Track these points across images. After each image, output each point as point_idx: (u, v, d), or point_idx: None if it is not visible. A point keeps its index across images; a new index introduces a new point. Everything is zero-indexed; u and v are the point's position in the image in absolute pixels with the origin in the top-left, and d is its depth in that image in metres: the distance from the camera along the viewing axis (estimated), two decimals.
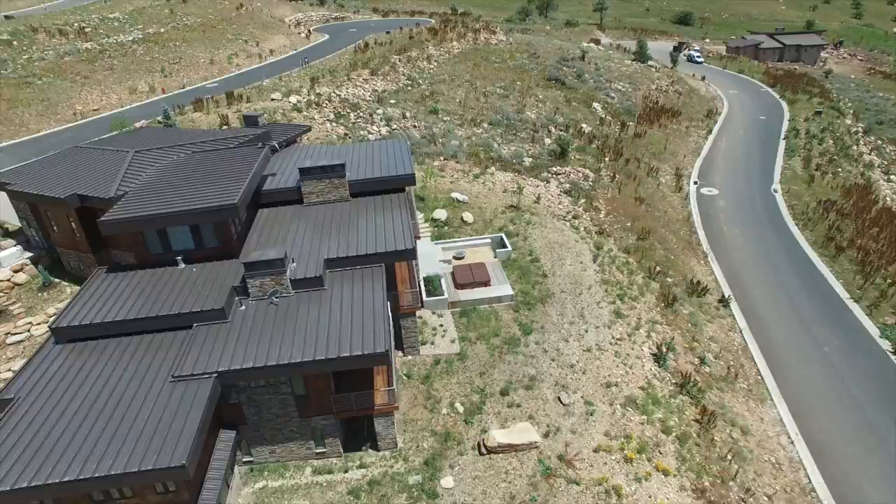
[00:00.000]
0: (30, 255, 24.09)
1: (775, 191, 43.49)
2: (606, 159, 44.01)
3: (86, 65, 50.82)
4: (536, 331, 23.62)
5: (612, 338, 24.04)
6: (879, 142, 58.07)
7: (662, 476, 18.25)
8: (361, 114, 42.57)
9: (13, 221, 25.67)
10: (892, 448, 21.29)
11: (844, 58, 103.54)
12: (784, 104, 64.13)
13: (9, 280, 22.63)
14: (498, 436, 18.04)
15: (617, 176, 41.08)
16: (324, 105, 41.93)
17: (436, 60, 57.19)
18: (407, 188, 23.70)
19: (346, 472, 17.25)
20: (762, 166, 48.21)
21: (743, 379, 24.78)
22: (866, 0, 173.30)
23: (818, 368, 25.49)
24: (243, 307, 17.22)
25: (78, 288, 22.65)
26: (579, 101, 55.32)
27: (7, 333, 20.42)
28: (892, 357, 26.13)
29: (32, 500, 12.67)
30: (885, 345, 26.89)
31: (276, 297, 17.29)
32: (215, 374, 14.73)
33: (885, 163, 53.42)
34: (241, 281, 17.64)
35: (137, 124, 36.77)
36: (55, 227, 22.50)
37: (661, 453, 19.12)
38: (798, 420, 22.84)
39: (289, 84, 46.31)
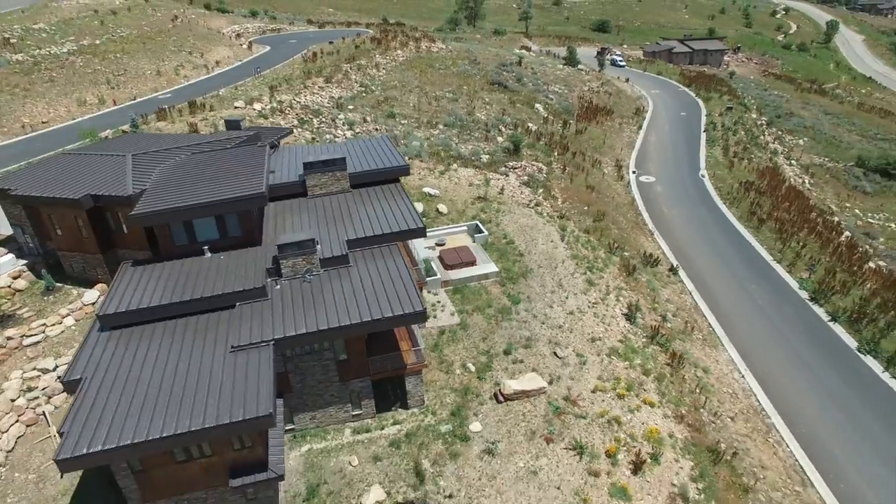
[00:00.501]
0: (24, 262, 24.20)
1: (702, 176, 48.88)
2: (555, 154, 47.86)
3: (21, 77, 49.08)
4: (524, 300, 26.36)
5: (589, 302, 27.19)
6: (780, 132, 65.89)
7: (649, 407, 21.38)
8: (324, 119, 44.08)
9: (1, 231, 25.57)
10: (815, 369, 25.77)
11: (743, 61, 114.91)
12: (700, 102, 71.18)
13: (9, 287, 22.75)
14: (512, 384, 20.54)
15: (567, 168, 44.92)
16: (286, 112, 43.13)
17: (384, 68, 59.37)
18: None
19: (382, 429, 19.16)
20: (689, 156, 53.80)
21: (698, 331, 28.63)
22: (753, 11, 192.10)
23: (755, 317, 29.86)
24: (278, 286, 18.78)
25: (83, 290, 23.16)
26: (522, 102, 59.25)
27: (23, 336, 20.72)
28: (809, 303, 31.02)
29: (127, 457, 13.79)
30: (804, 294, 31.81)
31: (309, 276, 19.00)
32: (272, 342, 16.31)
33: (786, 150, 60.85)
34: (273, 263, 19.18)
35: (103, 134, 36.55)
36: (58, 231, 22.85)
37: (644, 390, 22.29)
38: (745, 359, 26.89)
39: (247, 93, 47.02)
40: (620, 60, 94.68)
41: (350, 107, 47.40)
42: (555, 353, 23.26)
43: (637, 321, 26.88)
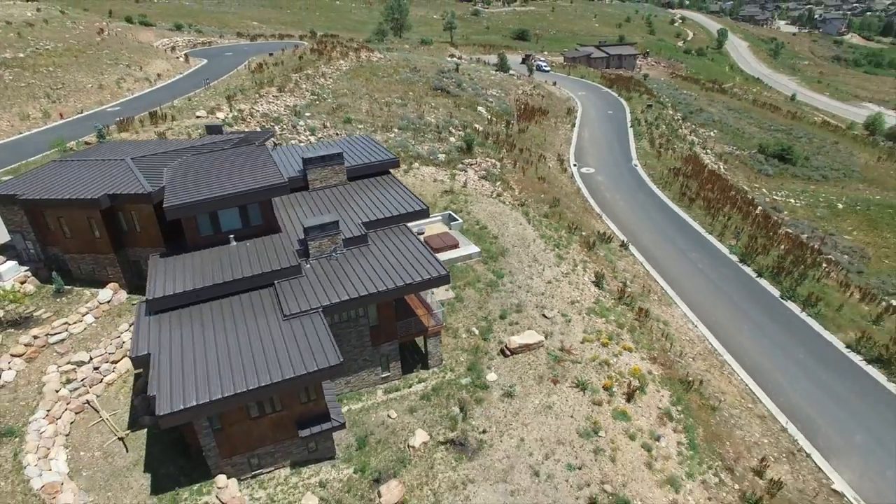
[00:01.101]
0: (26, 268, 24.44)
1: (635, 165, 54.31)
2: (504, 151, 51.64)
3: None
4: (507, 274, 29.41)
5: (562, 273, 30.65)
6: (694, 126, 73.51)
7: (628, 352, 24.95)
8: (285, 126, 45.44)
9: None
10: (751, 315, 30.61)
11: (652, 65, 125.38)
12: (623, 101, 77.89)
13: (20, 291, 23.05)
14: (515, 340, 23.46)
15: (517, 163, 48.76)
16: (248, 120, 44.17)
17: (330, 77, 61.13)
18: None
19: (410, 387, 21.46)
20: (620, 148, 59.35)
21: (653, 293, 32.81)
22: (655, 20, 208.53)
23: (698, 279, 34.55)
24: (308, 265, 20.70)
25: (95, 290, 23.78)
26: (465, 106, 62.87)
27: (47, 335, 21.26)
28: (739, 264, 36.19)
29: (214, 411, 15.35)
30: (734, 257, 36.99)
31: (335, 254, 21.05)
32: (320, 308, 18.29)
33: (701, 140, 68.16)
34: (300, 245, 21.07)
35: (69, 144, 36.31)
36: (67, 234, 23.42)
37: (622, 339, 25.88)
38: (695, 312, 31.25)
39: (203, 103, 47.43)
40: (545, 66, 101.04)
41: (307, 114, 48.96)
42: (543, 315, 26.41)
43: (604, 287, 30.63)
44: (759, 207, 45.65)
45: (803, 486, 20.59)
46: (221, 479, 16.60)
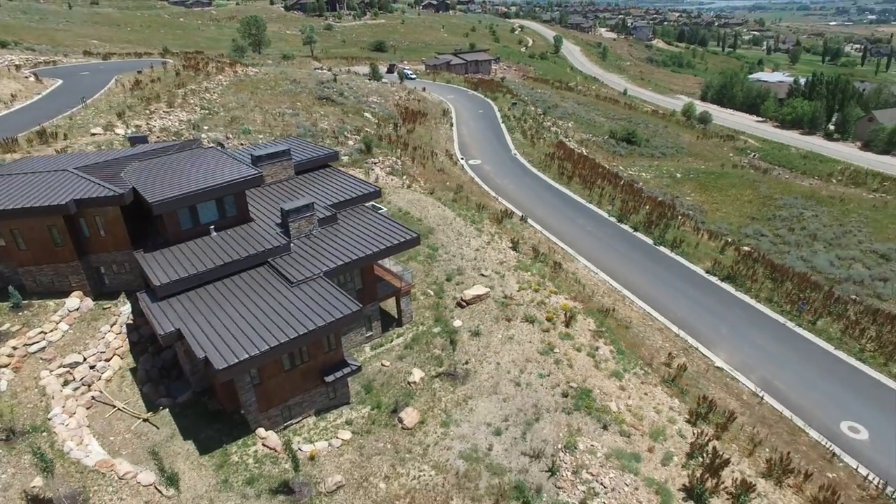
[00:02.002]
0: None
1: (515, 155, 61.30)
2: (399, 150, 55.69)
3: None
4: (440, 247, 33.46)
5: (484, 242, 35.39)
6: (554, 119, 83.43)
7: (555, 295, 30.25)
8: (188, 139, 45.21)
9: None
10: (635, 259, 37.83)
11: (505, 69, 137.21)
12: (490, 101, 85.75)
13: None
14: (468, 293, 27.59)
15: (415, 159, 53.10)
16: (148, 134, 43.35)
17: (214, 92, 60.67)
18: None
19: (391, 342, 24.60)
20: (498, 141, 66.24)
21: (557, 253, 38.88)
22: (497, 29, 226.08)
23: (589, 238, 41.36)
24: (292, 244, 23.01)
25: (58, 300, 23.70)
26: (352, 112, 65.85)
27: (25, 345, 21.18)
28: (618, 223, 43.80)
29: (260, 363, 17.41)
30: (613, 219, 44.62)
31: (313, 232, 23.58)
32: (320, 273, 20.88)
33: (562, 131, 77.85)
34: (281, 227, 23.29)
35: None
36: (23, 245, 23.12)
37: (547, 286, 31.16)
38: (593, 263, 37.70)
39: (90, 120, 45.36)
40: (412, 74, 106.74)
41: (206, 127, 48.86)
42: (481, 274, 30.84)
43: (520, 250, 35.94)
44: (623, 180, 54.58)
45: (697, 367, 27.16)
46: (261, 431, 18.62)
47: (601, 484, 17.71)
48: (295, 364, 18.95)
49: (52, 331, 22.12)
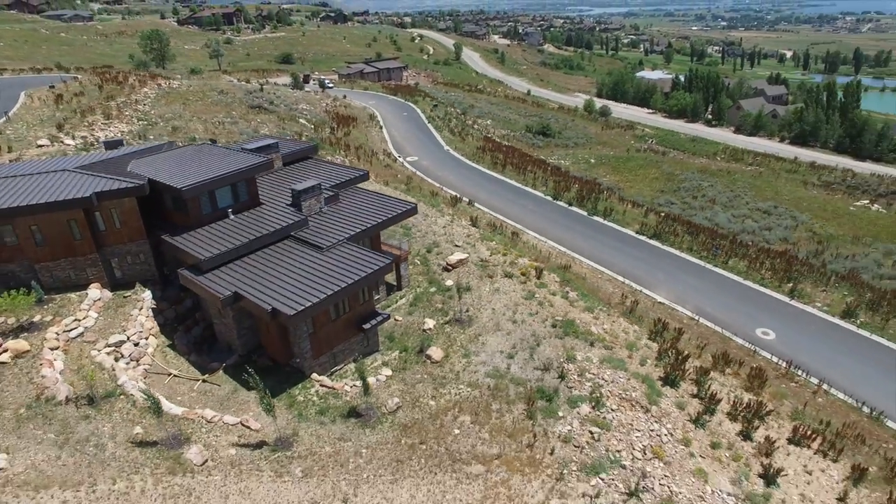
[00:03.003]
0: None
1: (448, 150, 65.89)
2: (342, 151, 58.44)
3: None
4: (412, 227, 37.01)
5: (448, 221, 39.35)
6: (473, 118, 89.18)
7: (521, 258, 34.77)
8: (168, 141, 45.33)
9: None
10: (576, 229, 43.55)
11: (414, 75, 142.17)
12: (411, 105, 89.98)
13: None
14: (451, 258, 31.47)
15: (360, 158, 56.12)
16: (98, 145, 43.15)
17: (145, 104, 60.00)
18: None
19: (397, 302, 27.91)
20: (429, 139, 70.58)
21: (509, 229, 43.71)
22: (398, 39, 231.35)
23: (532, 215, 46.50)
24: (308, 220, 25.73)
25: (79, 292, 24.77)
26: (287, 119, 67.48)
27: (64, 331, 22.34)
28: (554, 201, 49.54)
29: (319, 309, 20.16)
30: (548, 198, 50.31)
31: (322, 210, 26.41)
32: (345, 238, 23.87)
33: (483, 128, 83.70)
34: (292, 206, 25.91)
35: None
36: (40, 241, 24.01)
37: (512, 251, 35.69)
38: (541, 234, 42.69)
39: (25, 134, 44.16)
40: (329, 83, 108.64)
41: (151, 136, 48.88)
42: (455, 245, 34.82)
43: (479, 226, 40.36)
44: (550, 165, 60.79)
45: (645, 304, 32.75)
46: (315, 375, 21.36)
47: (602, 379, 22.28)
48: (339, 314, 21.87)
49: (84, 318, 23.31)
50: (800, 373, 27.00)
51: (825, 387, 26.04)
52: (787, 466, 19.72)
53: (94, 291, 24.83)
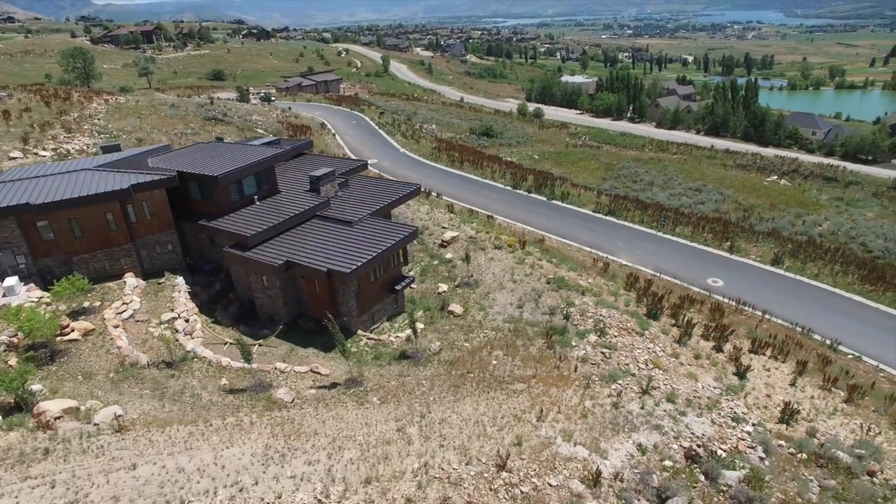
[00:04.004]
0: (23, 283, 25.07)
1: (405, 152, 69.34)
2: None
3: None
4: (398, 215, 40.11)
5: (428, 209, 42.80)
6: (419, 123, 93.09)
7: (503, 235, 38.84)
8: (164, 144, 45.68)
9: None
10: (539, 211, 48.26)
11: (351, 87, 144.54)
12: (358, 113, 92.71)
13: (40, 299, 24.35)
14: (445, 236, 35.03)
15: None
16: (71, 156, 43.32)
17: (99, 118, 59.47)
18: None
19: (408, 273, 31.06)
20: (384, 144, 73.71)
21: (483, 215, 47.73)
22: (324, 53, 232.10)
23: (498, 203, 50.77)
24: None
25: (117, 281, 26.29)
26: (245, 129, 68.54)
27: (116, 314, 23.96)
28: (514, 190, 54.17)
29: (367, 270, 23.02)
30: (509, 188, 54.82)
31: (338, 193, 29.23)
32: (369, 214, 26.84)
33: (430, 133, 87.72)
34: (310, 191, 28.56)
35: None
36: (78, 234, 25.38)
37: (492, 232, 39.65)
38: (510, 217, 47.12)
39: None
40: (272, 97, 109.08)
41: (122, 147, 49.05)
42: (442, 227, 38.37)
43: (455, 212, 44.13)
44: (504, 160, 65.63)
45: (613, 266, 37.62)
46: (360, 332, 24.19)
47: (600, 316, 26.53)
48: (376, 277, 24.86)
49: (130, 302, 24.97)
50: (747, 308, 32.54)
51: (767, 316, 31.67)
52: (751, 366, 24.67)
53: (131, 280, 26.42)
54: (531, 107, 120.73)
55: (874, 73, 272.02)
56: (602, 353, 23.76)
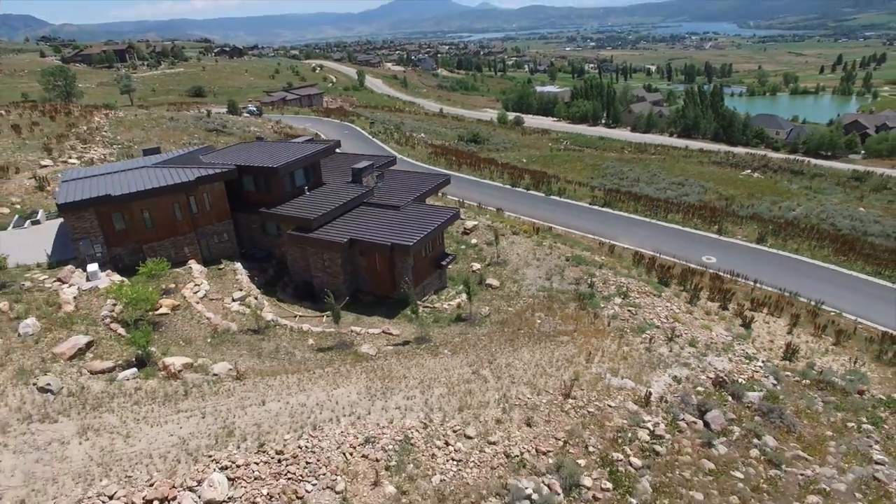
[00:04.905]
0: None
1: (402, 157, 72.38)
2: None
3: None
4: None
5: (442, 204, 46.04)
6: (407, 131, 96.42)
7: (515, 225, 42.20)
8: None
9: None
10: (539, 205, 51.95)
11: (332, 101, 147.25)
12: (348, 124, 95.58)
13: (122, 282, 26.55)
14: (468, 224, 38.27)
15: None
16: (96, 162, 45.19)
17: (107, 131, 61.05)
18: None
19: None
20: (380, 150, 76.72)
21: (492, 209, 51.05)
22: (299, 69, 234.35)
23: (500, 199, 54.20)
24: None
25: (183, 268, 28.62)
26: (246, 138, 70.63)
27: (193, 293, 26.35)
28: (511, 187, 57.81)
29: (424, 244, 25.95)
30: (508, 186, 58.45)
31: (378, 184, 32.18)
32: (412, 199, 29.83)
33: (420, 140, 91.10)
34: (353, 182, 31.44)
35: None
36: (149, 224, 27.71)
37: (504, 221, 42.98)
38: (516, 212, 50.63)
39: (17, 158, 45.03)
40: (256, 111, 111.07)
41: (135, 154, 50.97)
42: (460, 218, 41.53)
43: (466, 206, 47.39)
44: (499, 162, 69.37)
45: (617, 250, 41.33)
46: (417, 301, 27.06)
47: (620, 283, 30.02)
48: (427, 253, 27.85)
49: (200, 284, 27.35)
50: (740, 279, 36.52)
51: (758, 284, 35.67)
52: (755, 318, 28.45)
53: (196, 266, 28.80)
54: (511, 115, 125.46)
55: (824, 79, 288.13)
56: (629, 310, 27.20)
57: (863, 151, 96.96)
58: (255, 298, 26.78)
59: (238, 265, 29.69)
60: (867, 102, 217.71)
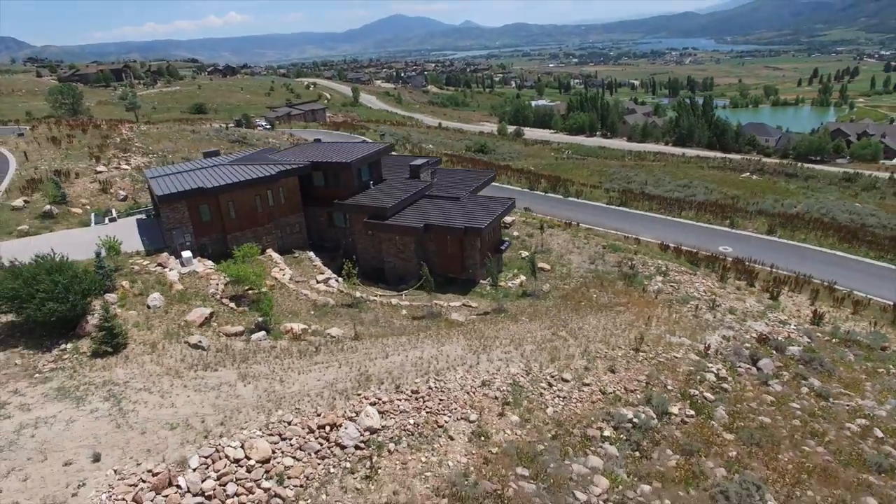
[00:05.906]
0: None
1: None
2: None
3: None
4: None
5: None
6: (416, 143, 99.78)
7: (543, 221, 45.38)
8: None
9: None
10: (559, 207, 55.35)
11: (334, 115, 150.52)
12: (359, 136, 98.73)
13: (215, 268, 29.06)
14: (507, 218, 41.26)
15: None
16: (141, 167, 47.60)
17: (137, 143, 63.46)
18: None
19: None
20: None
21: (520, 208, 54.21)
22: (293, 86, 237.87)
23: (523, 202, 57.64)
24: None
25: (262, 257, 31.21)
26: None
27: (281, 276, 28.96)
28: (531, 191, 61.12)
29: (490, 230, 28.86)
30: (526, 190, 61.84)
31: (433, 180, 35.17)
32: (470, 191, 32.82)
33: (430, 151, 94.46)
34: (411, 177, 34.37)
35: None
36: (232, 216, 30.33)
37: (535, 218, 46.13)
38: (539, 210, 53.96)
39: (70, 166, 47.31)
40: (267, 125, 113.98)
41: (172, 162, 53.39)
42: None
43: None
44: (514, 168, 72.83)
45: (641, 242, 44.61)
46: (481, 282, 29.93)
47: (658, 264, 33.20)
48: (490, 238, 30.79)
49: (284, 269, 29.97)
50: (756, 265, 39.94)
51: (775, 269, 39.11)
52: (781, 292, 31.75)
53: (275, 254, 31.43)
54: (511, 128, 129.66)
55: (802, 91, 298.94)
56: (671, 285, 30.37)
57: (848, 156, 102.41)
58: (337, 280, 29.46)
59: (311, 254, 32.37)
60: (845, 113, 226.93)
